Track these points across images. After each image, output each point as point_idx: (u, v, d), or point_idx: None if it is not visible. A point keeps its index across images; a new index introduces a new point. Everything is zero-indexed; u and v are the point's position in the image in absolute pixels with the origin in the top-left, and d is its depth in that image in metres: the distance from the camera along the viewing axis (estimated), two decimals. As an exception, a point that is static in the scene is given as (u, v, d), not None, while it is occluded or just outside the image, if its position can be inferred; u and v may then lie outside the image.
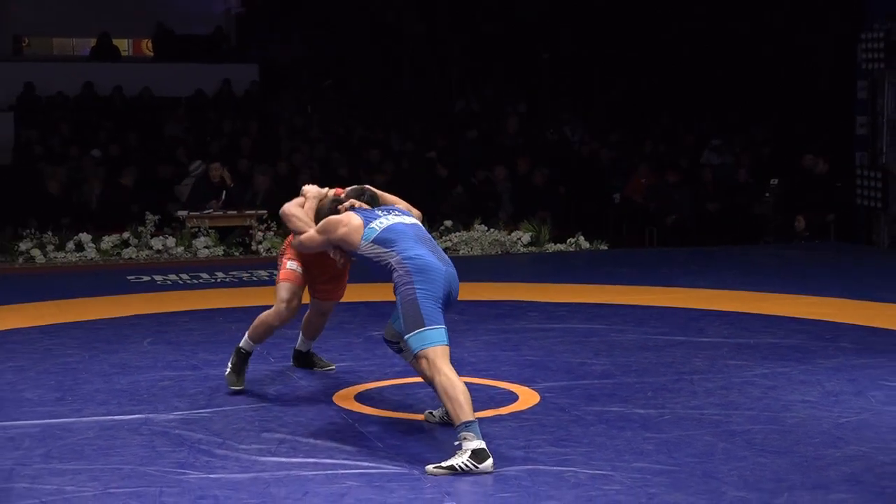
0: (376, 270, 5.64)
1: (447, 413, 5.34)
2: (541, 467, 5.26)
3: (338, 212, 5.93)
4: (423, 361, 5.41)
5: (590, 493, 4.93)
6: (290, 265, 6.59)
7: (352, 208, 5.93)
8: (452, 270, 5.56)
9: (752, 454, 5.46)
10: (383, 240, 5.58)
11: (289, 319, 6.58)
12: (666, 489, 4.96)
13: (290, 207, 6.22)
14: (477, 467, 5.05)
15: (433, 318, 5.37)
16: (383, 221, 5.68)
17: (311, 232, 5.98)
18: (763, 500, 4.82)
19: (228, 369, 6.66)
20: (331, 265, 6.38)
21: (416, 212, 6.04)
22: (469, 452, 5.07)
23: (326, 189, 6.30)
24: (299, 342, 7.24)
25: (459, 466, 5.06)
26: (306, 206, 6.20)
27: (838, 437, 5.73)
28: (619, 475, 5.15)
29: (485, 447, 5.11)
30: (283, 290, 6.53)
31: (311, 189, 6.30)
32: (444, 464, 5.09)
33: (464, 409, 5.16)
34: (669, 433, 5.80)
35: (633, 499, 4.85)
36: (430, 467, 5.12)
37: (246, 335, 6.65)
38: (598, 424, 5.98)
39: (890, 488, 4.97)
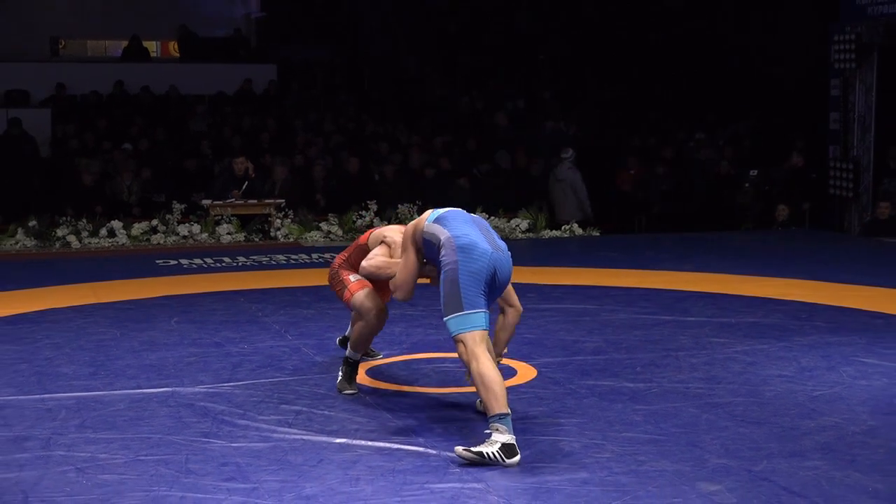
0: (431, 253, 5.31)
1: (482, 400, 4.97)
2: (538, 437, 5.26)
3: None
4: (461, 346, 5.01)
5: (583, 460, 4.93)
6: (353, 278, 6.07)
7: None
8: (501, 255, 5.19)
9: (733, 424, 5.45)
10: (441, 218, 5.29)
11: (385, 320, 6.02)
12: (654, 457, 4.96)
13: (370, 262, 5.81)
14: (504, 461, 4.80)
15: (473, 301, 5.02)
16: (446, 209, 5.41)
17: (400, 261, 5.53)
18: (743, 468, 4.82)
19: (340, 377, 6.17)
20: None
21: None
22: (499, 444, 4.81)
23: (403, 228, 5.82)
24: (349, 331, 6.69)
25: (488, 455, 4.80)
26: (394, 255, 5.77)
27: (813, 409, 5.73)
28: (610, 444, 5.15)
29: (515, 443, 4.85)
30: (364, 299, 5.97)
31: (395, 238, 5.86)
32: (473, 448, 4.84)
33: (499, 401, 4.87)
34: (657, 405, 5.79)
35: (623, 466, 4.85)
36: (459, 448, 4.87)
37: (349, 347, 6.11)
38: (591, 397, 5.98)
39: (860, 456, 4.97)
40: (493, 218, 13.74)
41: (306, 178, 15.23)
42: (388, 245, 5.93)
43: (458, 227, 5.21)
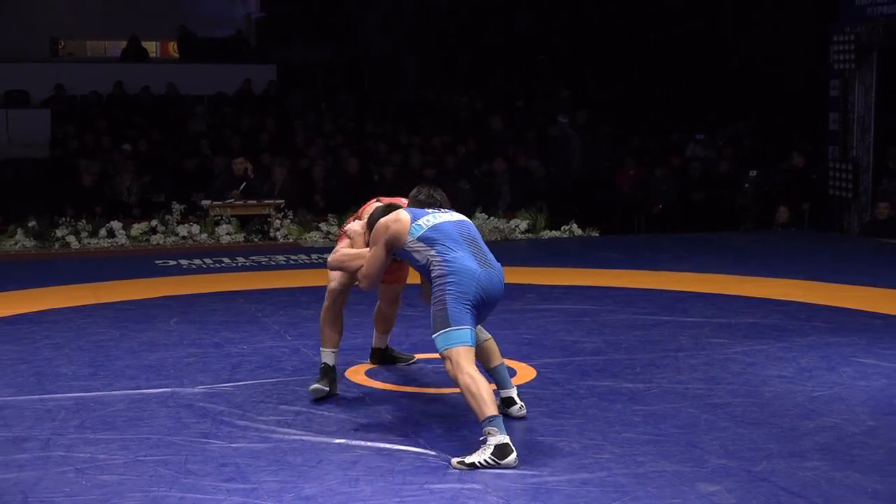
0: (416, 266, 5.38)
1: (472, 410, 5.00)
2: (537, 437, 5.26)
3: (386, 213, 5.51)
4: (448, 362, 5.06)
5: (583, 461, 4.93)
6: (343, 244, 5.98)
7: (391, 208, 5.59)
8: (492, 272, 5.22)
9: (732, 425, 5.45)
10: (427, 238, 5.27)
11: (341, 298, 6.02)
12: (653, 457, 4.96)
13: (335, 256, 5.76)
14: (499, 463, 4.80)
15: (459, 319, 5.08)
16: (430, 219, 5.36)
17: (366, 254, 5.50)
18: (742, 468, 4.82)
19: (314, 384, 6.00)
20: None
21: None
22: (492, 448, 4.82)
23: (363, 225, 5.79)
24: (375, 340, 6.77)
25: (480, 462, 4.80)
26: (356, 244, 5.75)
27: (812, 409, 5.73)
28: (609, 445, 5.15)
29: (508, 442, 4.85)
30: (330, 274, 6.04)
31: (354, 228, 5.85)
32: (467, 459, 4.85)
33: (487, 405, 4.89)
34: (656, 406, 5.80)
35: (622, 467, 4.85)
36: (454, 461, 4.87)
37: (321, 347, 6.11)
38: (590, 398, 5.98)
39: (859, 457, 4.97)
40: (492, 218, 13.74)
41: (306, 178, 15.23)
42: (348, 237, 5.89)
43: (448, 248, 5.22)
